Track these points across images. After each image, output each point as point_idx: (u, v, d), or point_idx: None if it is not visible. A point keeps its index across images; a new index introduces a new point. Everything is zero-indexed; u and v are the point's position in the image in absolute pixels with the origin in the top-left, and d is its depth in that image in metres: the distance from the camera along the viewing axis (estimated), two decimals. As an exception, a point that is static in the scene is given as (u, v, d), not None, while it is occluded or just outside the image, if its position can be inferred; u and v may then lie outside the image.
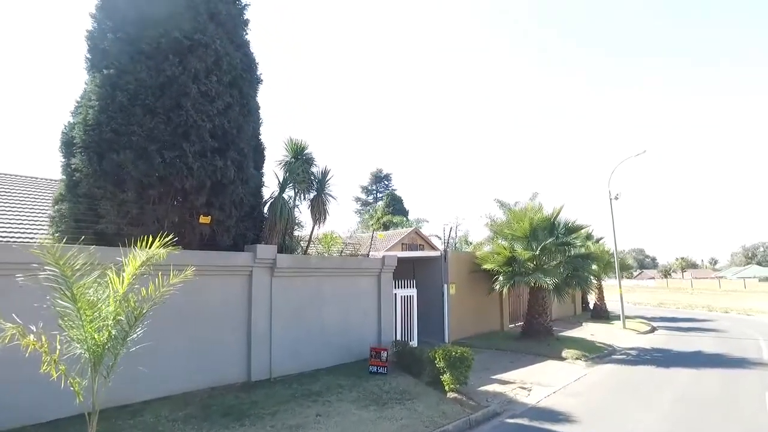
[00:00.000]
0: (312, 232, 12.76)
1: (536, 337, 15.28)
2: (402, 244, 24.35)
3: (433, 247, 24.47)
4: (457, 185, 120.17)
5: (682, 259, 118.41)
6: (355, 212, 61.07)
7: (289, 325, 10.37)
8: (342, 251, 13.33)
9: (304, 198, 13.02)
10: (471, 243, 32.24)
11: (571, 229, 15.61)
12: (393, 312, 12.94)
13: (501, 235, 16.34)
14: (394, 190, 53.55)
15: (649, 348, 15.15)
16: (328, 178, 12.87)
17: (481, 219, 17.03)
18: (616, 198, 20.99)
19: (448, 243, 15.65)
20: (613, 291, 28.85)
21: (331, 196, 12.91)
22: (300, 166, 12.11)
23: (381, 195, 57.23)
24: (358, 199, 62.05)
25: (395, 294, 13.28)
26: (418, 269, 16.22)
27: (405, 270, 15.76)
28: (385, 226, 38.23)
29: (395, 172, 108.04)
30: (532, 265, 15.61)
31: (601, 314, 23.15)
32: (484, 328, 17.01)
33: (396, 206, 46.77)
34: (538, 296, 15.71)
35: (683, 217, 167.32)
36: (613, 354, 14.04)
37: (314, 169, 13.00)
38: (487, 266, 15.57)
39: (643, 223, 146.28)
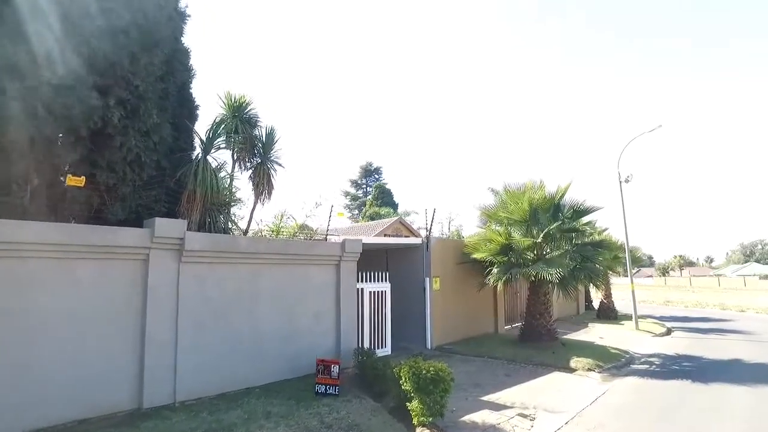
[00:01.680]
0: (253, 209, 10.04)
1: (537, 342, 12.62)
2: (384, 234, 21.68)
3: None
4: (451, 181, 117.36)
5: (680, 256, 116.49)
6: (345, 207, 58.39)
7: (206, 330, 7.63)
8: (295, 234, 10.60)
9: (246, 167, 10.33)
10: (464, 238, 29.48)
11: (580, 212, 12.94)
12: (357, 312, 10.23)
13: (495, 219, 13.66)
14: (385, 183, 50.71)
15: (673, 355, 12.52)
16: (274, 140, 10.15)
17: (475, 210, 14.02)
18: (627, 181, 18.36)
19: (430, 229, 12.95)
20: (618, 288, 26.37)
21: (277, 163, 10.22)
22: (234, 123, 9.38)
23: (371, 189, 54.48)
24: (347, 194, 59.29)
25: (361, 289, 10.58)
26: (394, 260, 13.52)
27: (377, 261, 13.09)
28: (371, 219, 35.48)
29: (386, 165, 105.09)
30: (532, 254, 12.95)
31: (608, 314, 20.54)
32: (475, 330, 14.34)
33: (385, 199, 44.06)
34: (539, 292, 13.05)
35: (678, 215, 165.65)
36: (632, 363, 11.39)
37: (258, 133, 10.31)
38: (477, 256, 12.89)
39: (639, 221, 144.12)
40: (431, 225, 13.10)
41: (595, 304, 25.80)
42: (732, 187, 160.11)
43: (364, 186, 59.23)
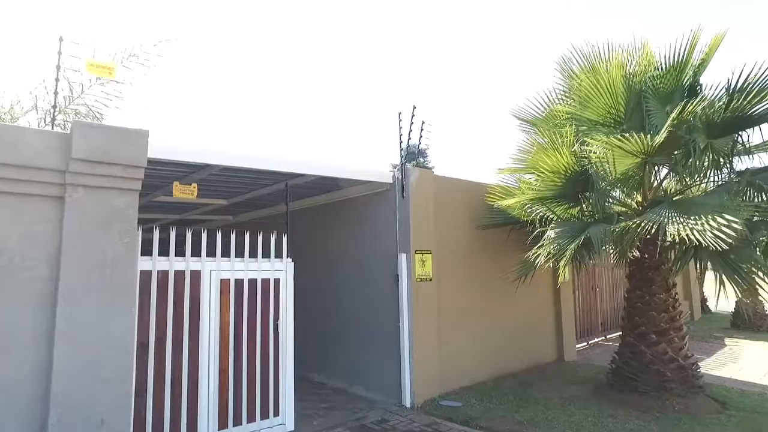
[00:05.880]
0: None
1: (654, 394, 5.48)
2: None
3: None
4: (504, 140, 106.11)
5: None
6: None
7: None
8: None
9: None
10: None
11: (749, 92, 5.50)
12: (133, 332, 3.66)
13: (548, 126, 6.54)
14: (421, 145, 44.06)
15: None
16: None
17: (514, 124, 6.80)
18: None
19: (411, 150, 6.28)
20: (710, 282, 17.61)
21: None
22: None
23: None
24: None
25: (199, 273, 4.06)
26: (329, 219, 6.92)
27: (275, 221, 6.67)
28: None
29: (434, 122, 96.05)
30: (639, 196, 5.87)
31: (751, 321, 12.39)
32: (516, 359, 7.32)
33: (416, 160, 37.35)
34: (654, 280, 5.87)
35: None
36: None
37: None
38: (510, 203, 5.97)
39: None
40: (408, 143, 6.40)
41: (711, 305, 17.44)
42: None
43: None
